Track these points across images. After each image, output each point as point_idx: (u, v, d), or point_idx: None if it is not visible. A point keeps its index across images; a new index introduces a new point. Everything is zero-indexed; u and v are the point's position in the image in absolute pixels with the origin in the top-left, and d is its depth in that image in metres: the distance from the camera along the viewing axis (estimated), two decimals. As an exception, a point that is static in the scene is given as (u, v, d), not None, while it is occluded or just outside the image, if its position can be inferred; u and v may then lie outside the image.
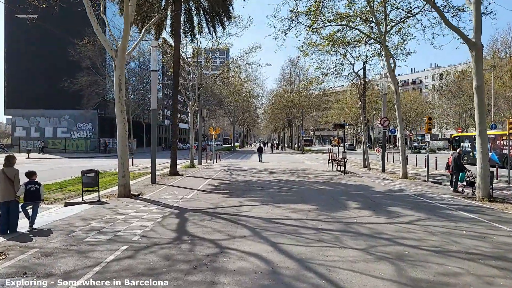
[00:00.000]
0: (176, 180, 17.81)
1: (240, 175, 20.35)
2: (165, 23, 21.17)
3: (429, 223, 8.57)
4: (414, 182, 17.73)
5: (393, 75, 19.72)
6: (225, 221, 8.63)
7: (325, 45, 21.87)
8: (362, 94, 25.72)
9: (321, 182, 16.95)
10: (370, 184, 16.33)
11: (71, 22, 52.12)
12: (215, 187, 15.05)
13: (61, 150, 52.23)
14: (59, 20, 53.91)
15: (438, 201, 11.95)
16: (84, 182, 11.65)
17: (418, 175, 21.20)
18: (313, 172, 22.59)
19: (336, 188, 15.14)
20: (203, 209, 10.12)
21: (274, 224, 8.34)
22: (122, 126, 12.60)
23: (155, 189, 14.46)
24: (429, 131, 18.71)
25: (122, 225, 8.21)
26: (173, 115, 20.44)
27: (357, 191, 14.31)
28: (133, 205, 10.83)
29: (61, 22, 52.73)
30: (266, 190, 14.30)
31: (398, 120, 19.79)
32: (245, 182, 16.72)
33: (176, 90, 20.28)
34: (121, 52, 12.33)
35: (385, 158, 23.27)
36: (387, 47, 19.47)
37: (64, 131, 56.40)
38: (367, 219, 8.89)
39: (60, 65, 51.53)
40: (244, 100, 65.59)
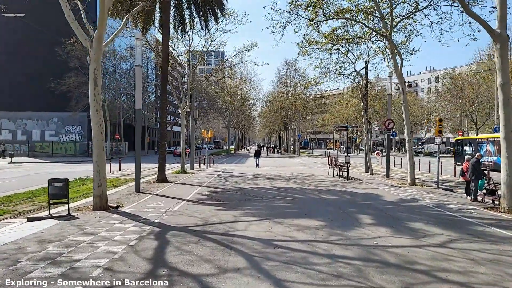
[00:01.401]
0: (163, 188, 16.12)
1: (235, 182, 18.70)
2: (154, 17, 19.53)
3: (466, 245, 7.00)
4: (424, 189, 16.20)
5: (400, 74, 18.23)
6: (215, 244, 6.98)
7: (325, 42, 20.38)
8: (364, 95, 24.22)
9: (324, 190, 15.34)
10: (378, 192, 14.76)
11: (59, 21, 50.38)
12: (206, 197, 13.38)
13: (48, 153, 50.21)
14: (46, 19, 52.22)
15: (461, 214, 10.40)
16: (52, 193, 9.94)
17: (425, 181, 19.69)
18: (313, 178, 20.99)
19: (342, 197, 13.55)
20: (189, 227, 8.47)
21: (277, 248, 6.70)
22: (98, 128, 10.93)
23: (138, 199, 12.77)
24: (439, 133, 17.23)
25: (85, 251, 6.53)
26: (162, 116, 18.77)
27: (365, 200, 12.72)
28: (107, 220, 9.15)
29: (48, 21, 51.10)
30: (264, 200, 12.67)
31: (405, 122, 18.27)
32: (240, 191, 15.06)
33: (165, 89, 18.62)
34: (96, 43, 10.67)
35: (389, 163, 21.73)
36: (394, 43, 17.99)
37: (52, 134, 54.31)
38: (389, 241, 7.29)
39: (48, 65, 49.64)
40: (240, 102, 64.07)
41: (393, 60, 18.32)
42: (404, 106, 18.30)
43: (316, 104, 70.79)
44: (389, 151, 22.26)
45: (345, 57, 22.89)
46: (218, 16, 21.86)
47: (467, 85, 40.99)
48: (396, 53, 18.01)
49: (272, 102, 69.50)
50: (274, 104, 67.59)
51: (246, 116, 74.50)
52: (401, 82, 18.28)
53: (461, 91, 41.41)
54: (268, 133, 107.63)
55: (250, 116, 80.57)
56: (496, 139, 28.66)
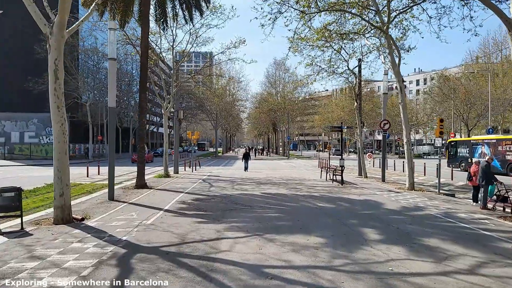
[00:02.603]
0: (141, 194, 14.57)
1: (221, 187, 17.24)
2: (133, 8, 17.96)
3: (500, 271, 5.70)
4: (425, 195, 15.01)
5: (398, 71, 17.04)
6: (191, 273, 5.54)
7: (317, 38, 19.13)
8: (358, 94, 23.02)
9: (318, 197, 14.00)
10: (378, 199, 13.48)
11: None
12: (188, 206, 11.90)
13: (28, 156, 47.95)
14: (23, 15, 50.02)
15: (476, 226, 9.16)
16: (1, 205, 8.38)
17: (422, 185, 18.53)
18: (305, 182, 19.67)
19: (339, 205, 12.22)
20: (163, 246, 7.02)
21: (269, 280, 5.28)
22: (59, 128, 9.36)
23: (109, 209, 11.23)
24: (440, 135, 16.08)
25: (21, 284, 5.03)
26: (141, 116, 17.21)
27: (366, 209, 11.42)
28: (65, 238, 7.62)
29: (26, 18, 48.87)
30: (252, 209, 11.25)
31: (403, 121, 17.07)
32: (226, 198, 13.62)
33: (144, 86, 17.06)
34: (57, 29, 9.13)
35: (385, 166, 20.56)
36: (392, 37, 16.80)
37: (32, 135, 51.87)
38: (406, 265, 5.95)
39: (28, 64, 47.54)
40: (228, 103, 62.56)
41: (390, 57, 17.13)
42: (402, 106, 17.12)
43: (305, 106, 69.63)
44: (385, 153, 21.07)
45: (338, 54, 21.67)
46: (203, 9, 20.41)
47: (459, 86, 40.29)
48: (393, 49, 16.82)
49: (261, 103, 68.20)
50: (263, 105, 66.31)
51: (235, 117, 72.91)
52: (398, 80, 17.10)
53: (453, 91, 40.65)
54: (256, 135, 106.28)
55: (239, 117, 79.00)
56: (492, 140, 27.80)
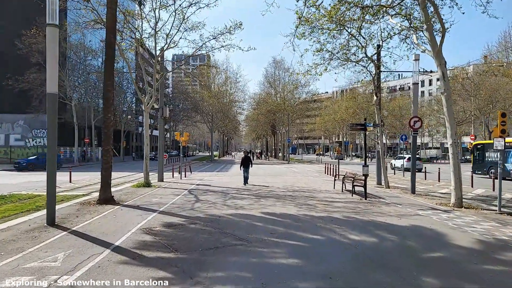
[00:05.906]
0: (98, 215, 10.51)
1: (209, 202, 13.17)
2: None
3: None
4: (484, 215, 11.03)
5: (439, 52, 13.07)
6: None
7: (333, 13, 15.29)
8: (378, 86, 19.07)
9: (343, 221, 9.96)
10: (430, 225, 9.41)
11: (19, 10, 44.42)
12: (152, 239, 7.83)
13: (13, 159, 43.93)
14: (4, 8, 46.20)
15: None
16: None
17: (465, 199, 14.56)
18: (316, 194, 15.64)
19: (382, 238, 8.16)
20: None
21: None
22: None
23: (33, 243, 7.17)
24: (502, 133, 12.14)
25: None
26: (105, 109, 13.14)
27: (427, 248, 7.35)
28: None
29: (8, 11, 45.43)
30: (249, 247, 7.21)
31: (447, 117, 13.03)
32: (212, 223, 9.54)
33: (110, 72, 12.99)
34: None
35: (415, 174, 16.56)
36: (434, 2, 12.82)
37: (18, 138, 47.92)
38: None
39: (11, 61, 43.82)
40: (225, 105, 58.63)
41: (429, 34, 13.17)
42: (445, 97, 13.13)
43: (305, 108, 65.70)
44: (415, 158, 17.05)
45: (354, 39, 17.76)
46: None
47: (484, 82, 36.20)
48: (435, 22, 12.89)
49: (259, 104, 64.35)
50: (262, 106, 62.48)
51: (232, 119, 68.86)
52: (440, 64, 13.09)
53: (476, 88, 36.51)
54: (254, 138, 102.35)
55: (236, 119, 74.96)
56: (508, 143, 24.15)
